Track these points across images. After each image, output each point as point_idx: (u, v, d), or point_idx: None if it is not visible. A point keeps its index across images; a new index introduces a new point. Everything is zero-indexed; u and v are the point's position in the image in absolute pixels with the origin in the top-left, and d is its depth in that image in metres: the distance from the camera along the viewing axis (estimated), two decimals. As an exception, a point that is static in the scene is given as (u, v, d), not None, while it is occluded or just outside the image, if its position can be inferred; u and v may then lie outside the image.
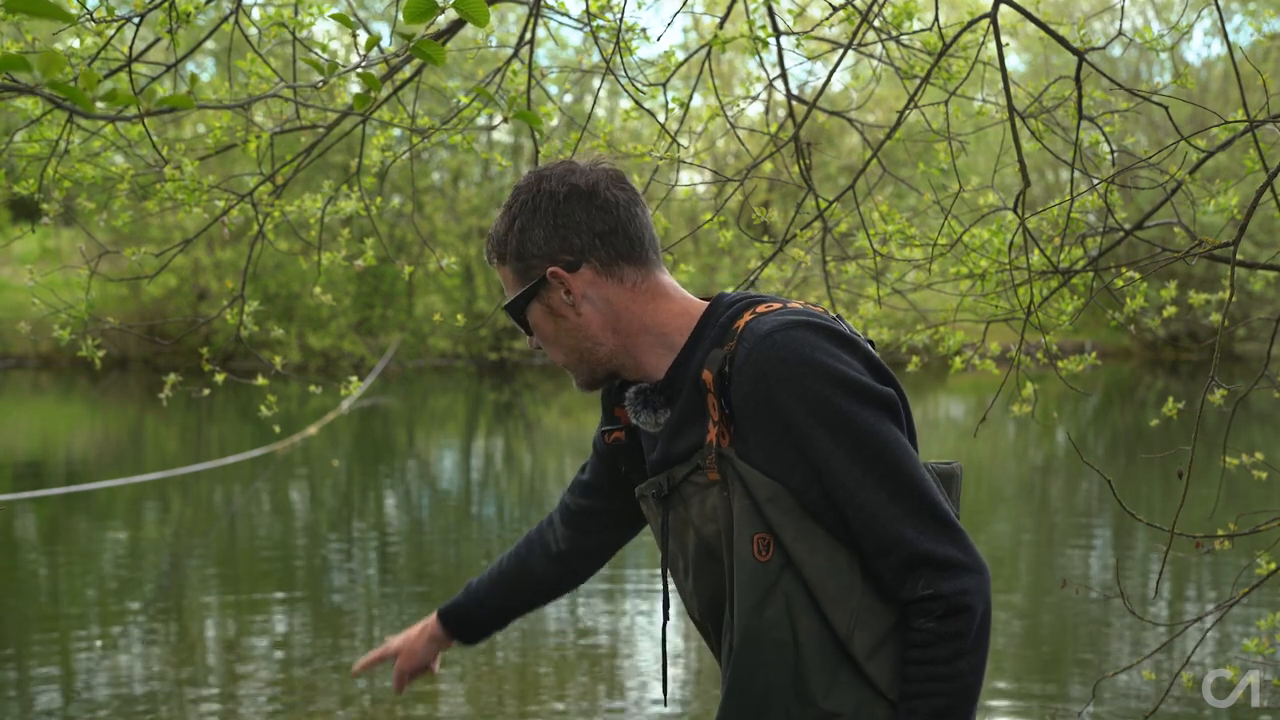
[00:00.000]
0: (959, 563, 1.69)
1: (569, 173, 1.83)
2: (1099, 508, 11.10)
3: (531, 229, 1.82)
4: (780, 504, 1.72)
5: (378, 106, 3.93)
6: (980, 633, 1.70)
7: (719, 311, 1.82)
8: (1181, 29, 4.58)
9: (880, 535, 1.70)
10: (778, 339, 1.71)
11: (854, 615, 1.72)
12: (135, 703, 5.66)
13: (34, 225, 4.37)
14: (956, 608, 1.68)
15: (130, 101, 1.32)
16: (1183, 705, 5.52)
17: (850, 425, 1.69)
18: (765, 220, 4.56)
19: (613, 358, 1.87)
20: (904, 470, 1.71)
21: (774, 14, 4.16)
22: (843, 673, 1.73)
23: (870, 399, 1.71)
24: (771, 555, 1.73)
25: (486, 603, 2.23)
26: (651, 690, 5.87)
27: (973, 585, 1.69)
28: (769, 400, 1.70)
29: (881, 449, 1.70)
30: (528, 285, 1.85)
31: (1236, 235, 3.45)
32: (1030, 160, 4.26)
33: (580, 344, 1.86)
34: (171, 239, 20.65)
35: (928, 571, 1.69)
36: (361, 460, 14.41)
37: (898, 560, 1.70)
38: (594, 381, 1.90)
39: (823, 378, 1.69)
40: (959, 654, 1.69)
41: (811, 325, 1.73)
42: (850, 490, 1.70)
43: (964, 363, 4.43)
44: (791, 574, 1.73)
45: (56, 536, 9.73)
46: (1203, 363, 23.44)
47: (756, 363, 1.71)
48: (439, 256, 4.17)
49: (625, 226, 1.83)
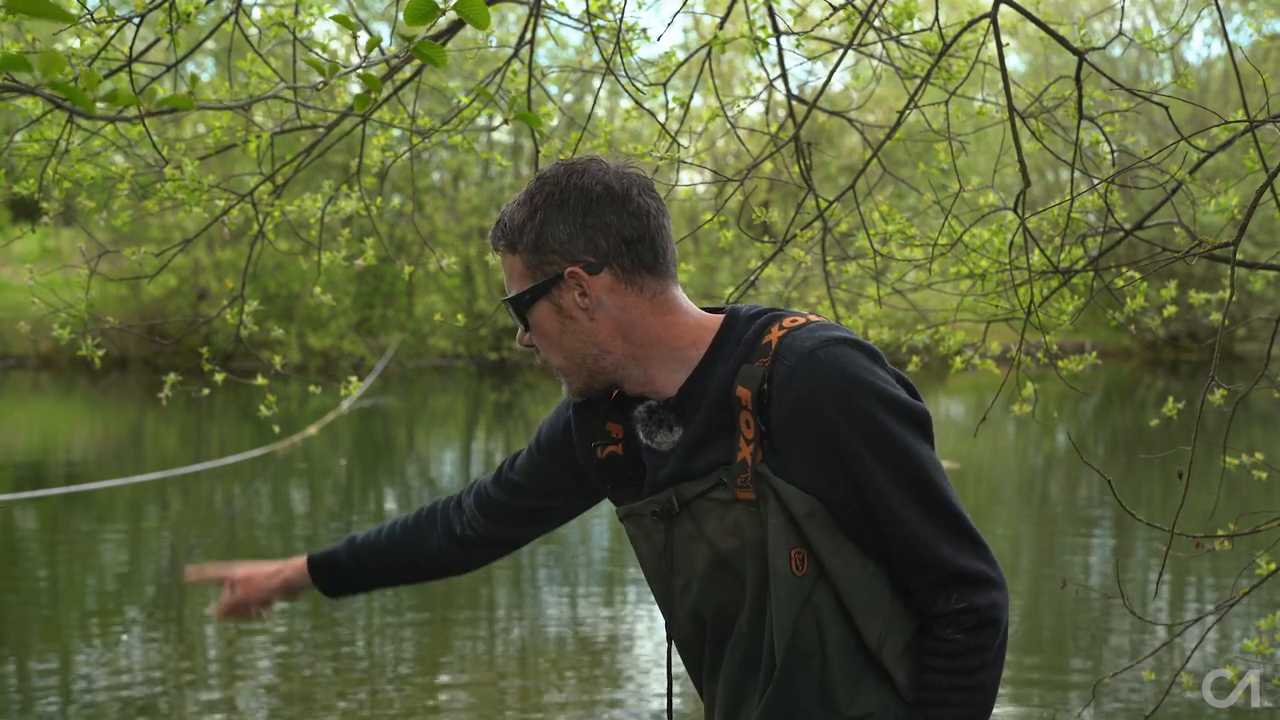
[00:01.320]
0: (989, 578, 1.74)
1: (602, 172, 1.77)
2: (1099, 508, 11.10)
3: (555, 223, 1.75)
4: (817, 519, 1.72)
5: (378, 107, 3.93)
6: (1001, 646, 1.74)
7: (737, 326, 1.79)
8: (1181, 29, 4.57)
9: (919, 553, 1.73)
10: (821, 356, 1.70)
11: (885, 625, 1.75)
12: (135, 703, 5.66)
13: (34, 225, 4.37)
14: (987, 620, 1.72)
15: (130, 101, 1.32)
16: (1183, 705, 5.52)
17: (893, 444, 1.71)
18: (765, 220, 4.56)
19: (619, 368, 1.81)
20: (938, 489, 1.74)
21: (774, 14, 4.15)
22: (867, 679, 1.75)
23: (910, 418, 1.73)
24: (807, 570, 1.74)
25: (368, 564, 2.17)
26: (651, 690, 5.87)
27: (1001, 600, 1.74)
28: (816, 417, 1.70)
29: (919, 468, 1.72)
30: (540, 281, 1.78)
31: (1236, 235, 3.45)
32: (1030, 160, 4.26)
33: (585, 349, 1.80)
34: (171, 239, 20.64)
35: (962, 587, 1.73)
36: (361, 460, 14.41)
37: (936, 577, 1.73)
38: (589, 390, 1.84)
39: (868, 395, 1.70)
40: (982, 666, 1.72)
41: (852, 343, 1.74)
42: (892, 509, 1.72)
43: (964, 363, 4.43)
44: (824, 586, 1.74)
45: (56, 536, 9.73)
46: (1203, 363, 23.43)
47: (803, 380, 1.70)
48: (439, 256, 4.17)
49: (653, 236, 1.78)
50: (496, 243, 1.83)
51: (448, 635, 6.89)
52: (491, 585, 8.36)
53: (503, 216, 1.82)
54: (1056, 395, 15.48)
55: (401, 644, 6.72)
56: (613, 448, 1.89)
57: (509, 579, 8.55)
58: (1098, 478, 11.86)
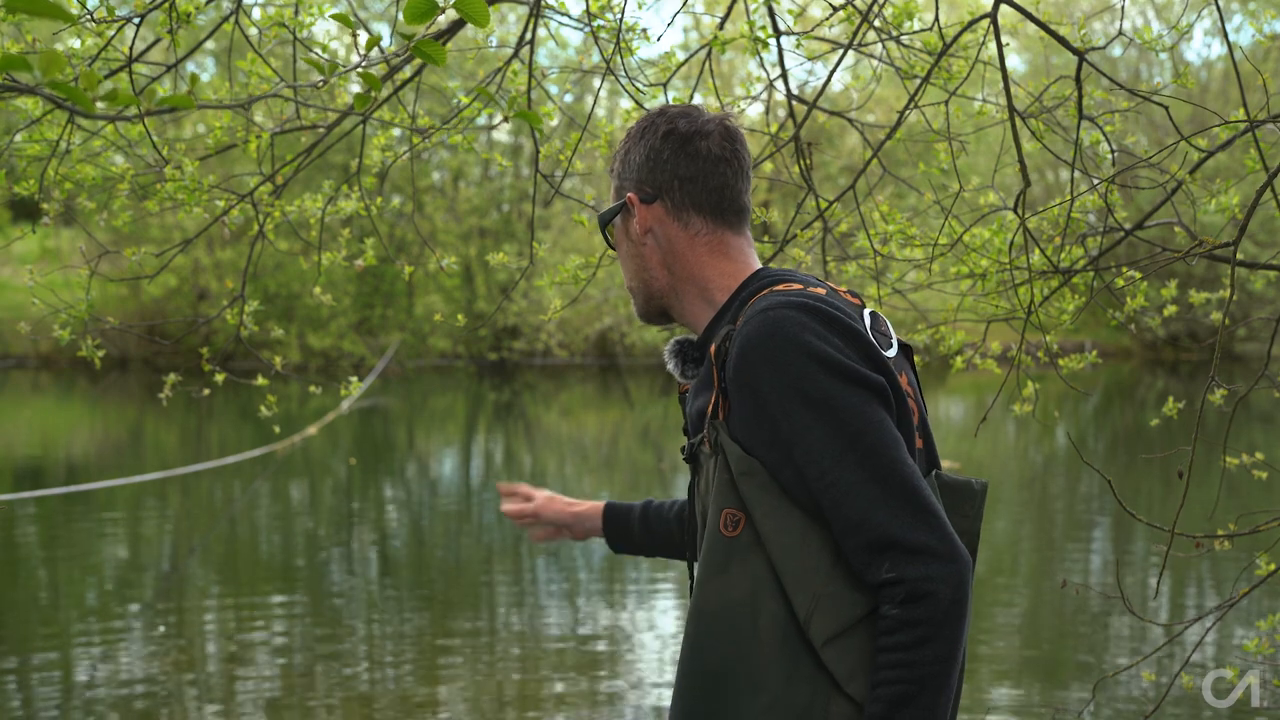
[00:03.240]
0: (928, 549, 1.65)
1: (681, 115, 1.92)
2: (1099, 508, 11.10)
3: (632, 154, 1.93)
4: (755, 479, 1.72)
5: (378, 106, 3.93)
6: (948, 622, 1.65)
7: (750, 284, 1.87)
8: (1181, 29, 4.57)
9: (849, 514, 1.67)
10: (770, 316, 1.73)
11: (814, 599, 1.69)
12: (135, 703, 5.66)
13: (34, 225, 4.37)
14: (917, 594, 1.64)
15: (130, 101, 1.31)
16: (1183, 705, 5.52)
17: (830, 403, 1.69)
18: (765, 220, 4.56)
19: (664, 295, 1.94)
20: (885, 452, 1.68)
21: (774, 14, 4.15)
22: (801, 661, 1.70)
23: (854, 380, 1.70)
24: (740, 531, 1.73)
25: (654, 528, 2.28)
26: (650, 690, 5.87)
27: (939, 573, 1.65)
28: (752, 375, 1.72)
29: (863, 428, 1.68)
30: (617, 203, 1.96)
31: (1237, 235, 3.45)
32: (1030, 160, 4.26)
33: (640, 272, 1.95)
34: (171, 239, 20.66)
35: (894, 554, 1.66)
36: (361, 460, 14.41)
37: (864, 540, 1.67)
38: (648, 313, 1.99)
39: (803, 355, 1.70)
40: (921, 641, 1.64)
41: (805, 306, 1.73)
42: (824, 468, 1.68)
43: (964, 362, 4.43)
44: (759, 553, 1.72)
45: (56, 536, 9.73)
46: (1203, 363, 23.45)
47: (745, 337, 1.73)
48: (439, 256, 4.17)
49: (706, 178, 1.90)
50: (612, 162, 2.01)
51: (448, 635, 6.89)
52: (491, 585, 8.36)
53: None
54: (1056, 395, 15.49)
55: (402, 644, 6.72)
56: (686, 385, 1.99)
57: (509, 579, 8.56)
58: (1098, 478, 11.87)
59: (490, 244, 27.10)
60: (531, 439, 17.41)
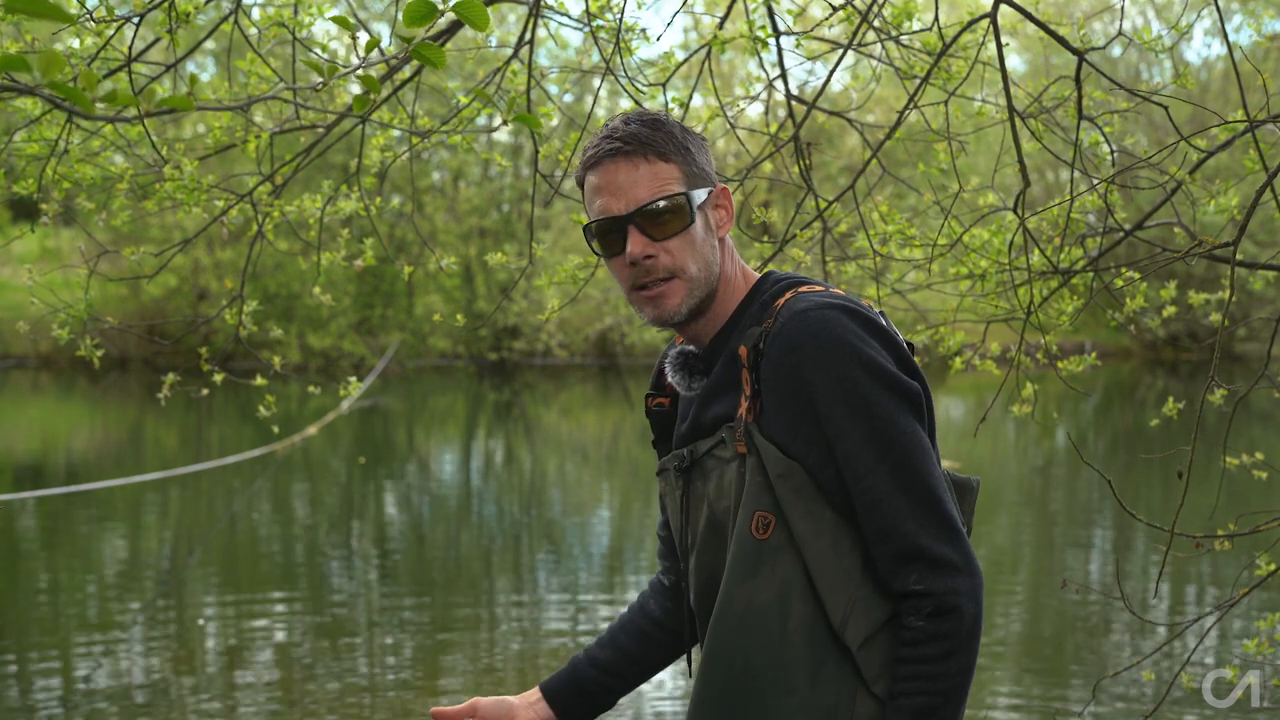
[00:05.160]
0: (953, 563, 1.70)
1: None
2: (1099, 508, 11.10)
3: (695, 149, 1.84)
4: (792, 481, 1.72)
5: (377, 107, 3.93)
6: (969, 636, 1.70)
7: (765, 288, 1.86)
8: (1181, 29, 4.57)
9: (881, 522, 1.70)
10: (812, 316, 1.73)
11: (851, 602, 1.72)
12: (135, 702, 5.66)
13: (34, 225, 4.37)
14: (945, 608, 1.68)
15: (130, 102, 1.31)
16: (1183, 705, 5.52)
17: (870, 410, 1.70)
18: (765, 220, 4.55)
19: (714, 290, 1.85)
20: (916, 464, 1.71)
21: (774, 14, 4.15)
22: (831, 661, 1.72)
23: (894, 388, 1.72)
24: (770, 534, 1.73)
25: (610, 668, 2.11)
26: (650, 689, 5.87)
27: (964, 587, 1.69)
28: (795, 375, 1.72)
29: (897, 438, 1.71)
30: (700, 188, 1.82)
31: (1236, 235, 3.45)
32: (1030, 160, 4.26)
33: (712, 264, 1.83)
34: (171, 239, 20.65)
35: (921, 566, 1.69)
36: (365, 459, 14.41)
37: (894, 549, 1.70)
38: (693, 308, 1.83)
39: (850, 359, 1.71)
40: (947, 654, 1.68)
41: (847, 310, 1.75)
42: (859, 474, 1.70)
43: (964, 363, 4.43)
44: (791, 556, 1.72)
45: (56, 536, 9.73)
46: (1203, 363, 23.43)
47: (788, 337, 1.73)
48: (439, 256, 4.17)
49: None
50: (642, 150, 1.80)
51: (448, 635, 6.89)
52: (491, 585, 8.36)
53: (630, 132, 1.81)
54: (1056, 395, 15.48)
55: (401, 644, 6.72)
56: (662, 400, 1.97)
57: (509, 579, 8.56)
58: (1097, 478, 11.86)
59: (490, 244, 27.10)
60: (531, 439, 17.41)
